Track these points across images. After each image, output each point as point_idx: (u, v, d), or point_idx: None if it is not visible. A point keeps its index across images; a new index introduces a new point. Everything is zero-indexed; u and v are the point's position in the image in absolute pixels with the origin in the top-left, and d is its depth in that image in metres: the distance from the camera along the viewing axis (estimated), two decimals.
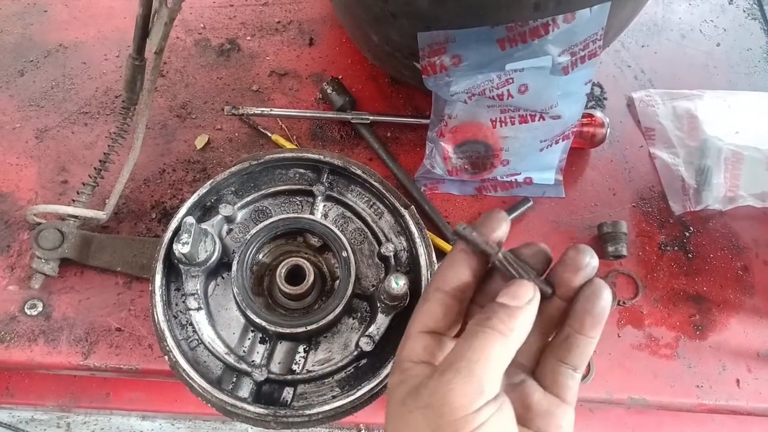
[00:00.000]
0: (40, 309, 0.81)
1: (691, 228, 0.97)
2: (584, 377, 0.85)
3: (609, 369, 0.86)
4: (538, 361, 0.52)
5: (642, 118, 1.06)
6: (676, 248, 0.95)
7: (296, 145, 0.96)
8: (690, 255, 0.95)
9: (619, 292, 0.91)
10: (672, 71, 1.13)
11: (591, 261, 0.48)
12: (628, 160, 1.02)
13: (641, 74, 1.12)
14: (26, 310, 0.80)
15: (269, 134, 0.95)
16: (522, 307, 0.46)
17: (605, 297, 0.48)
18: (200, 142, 0.95)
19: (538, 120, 0.87)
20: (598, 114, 0.98)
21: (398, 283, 0.70)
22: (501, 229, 0.51)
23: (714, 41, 1.17)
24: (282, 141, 0.95)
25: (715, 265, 0.95)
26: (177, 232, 0.73)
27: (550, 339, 0.51)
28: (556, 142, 0.92)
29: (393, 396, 0.48)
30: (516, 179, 0.96)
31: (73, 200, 0.84)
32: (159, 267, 0.74)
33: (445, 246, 0.89)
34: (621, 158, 1.02)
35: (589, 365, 0.86)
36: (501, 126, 0.88)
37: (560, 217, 0.96)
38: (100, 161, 0.85)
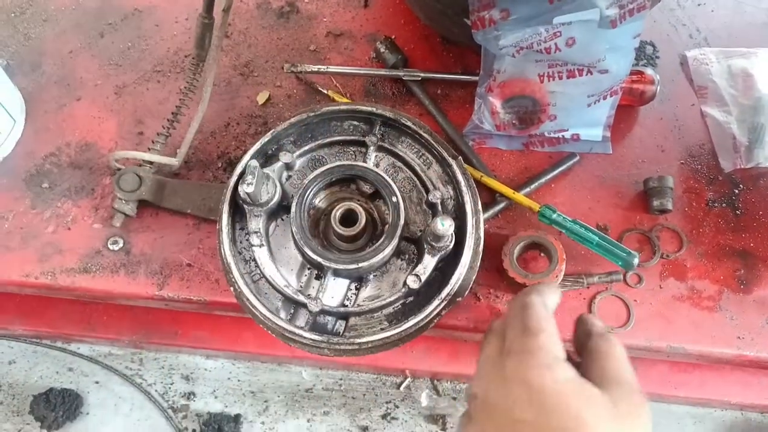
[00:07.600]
0: (120, 245, 0.90)
1: (740, 185, 0.97)
2: (624, 325, 0.88)
3: (649, 318, 0.88)
4: None
5: (695, 76, 1.06)
6: (724, 205, 0.96)
7: (350, 101, 1.01)
8: (738, 212, 0.95)
9: (663, 246, 0.92)
10: (729, 30, 1.11)
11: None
12: (678, 117, 1.02)
13: (696, 33, 1.11)
14: (109, 245, 0.90)
15: (325, 91, 1.01)
16: None
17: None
18: (262, 98, 1.01)
19: (586, 74, 0.89)
20: (648, 71, 0.99)
21: (443, 224, 0.74)
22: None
23: None
24: (337, 97, 1.00)
25: (763, 222, 0.94)
26: (242, 175, 0.80)
27: None
28: (604, 98, 0.94)
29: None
30: (563, 135, 0.98)
31: (149, 149, 0.92)
32: (225, 207, 0.81)
33: (493, 184, 0.92)
34: (671, 116, 1.03)
35: (629, 313, 0.88)
36: (549, 81, 0.90)
37: (606, 173, 0.98)
38: (172, 113, 0.93)
